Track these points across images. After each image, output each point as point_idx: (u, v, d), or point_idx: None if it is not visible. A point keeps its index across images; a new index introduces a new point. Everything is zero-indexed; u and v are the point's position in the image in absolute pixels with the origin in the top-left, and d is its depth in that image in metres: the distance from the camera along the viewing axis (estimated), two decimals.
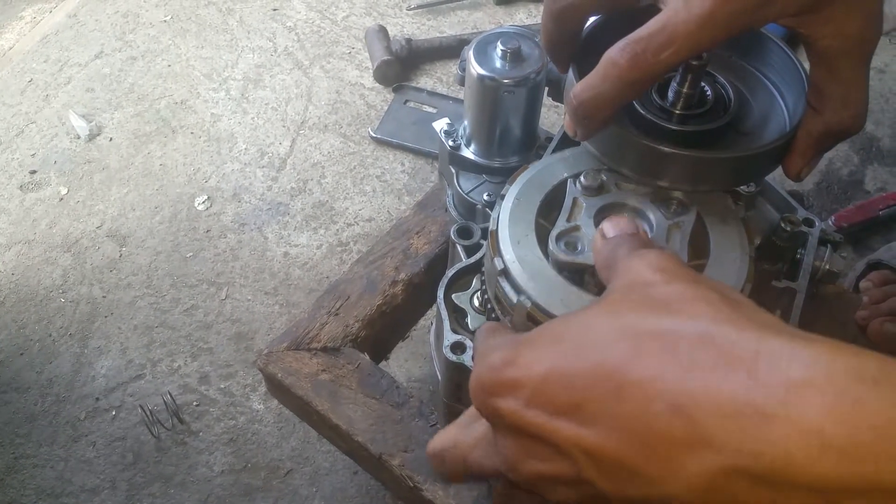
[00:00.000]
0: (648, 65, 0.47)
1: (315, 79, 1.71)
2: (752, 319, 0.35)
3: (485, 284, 0.65)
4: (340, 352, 0.82)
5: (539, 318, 0.56)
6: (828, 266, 0.66)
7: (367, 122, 1.61)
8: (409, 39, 1.70)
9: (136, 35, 1.84)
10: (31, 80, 1.75)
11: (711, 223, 0.59)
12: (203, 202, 1.49)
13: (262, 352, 0.83)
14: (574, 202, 0.60)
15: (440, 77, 1.70)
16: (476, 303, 0.67)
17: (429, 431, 0.74)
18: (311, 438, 1.16)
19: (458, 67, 0.79)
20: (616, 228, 0.46)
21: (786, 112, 0.62)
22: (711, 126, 0.59)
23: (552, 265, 0.57)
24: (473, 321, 0.67)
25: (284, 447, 1.16)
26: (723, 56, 0.65)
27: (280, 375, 0.80)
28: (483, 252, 0.68)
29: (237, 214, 1.47)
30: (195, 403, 1.21)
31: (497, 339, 0.41)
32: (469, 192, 0.81)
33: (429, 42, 1.73)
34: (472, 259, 0.69)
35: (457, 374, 0.65)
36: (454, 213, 0.84)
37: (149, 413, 1.17)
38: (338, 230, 1.44)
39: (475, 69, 0.74)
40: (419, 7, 1.86)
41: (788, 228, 0.64)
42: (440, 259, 0.88)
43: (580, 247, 0.56)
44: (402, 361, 1.24)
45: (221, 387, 1.23)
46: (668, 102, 0.59)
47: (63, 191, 1.52)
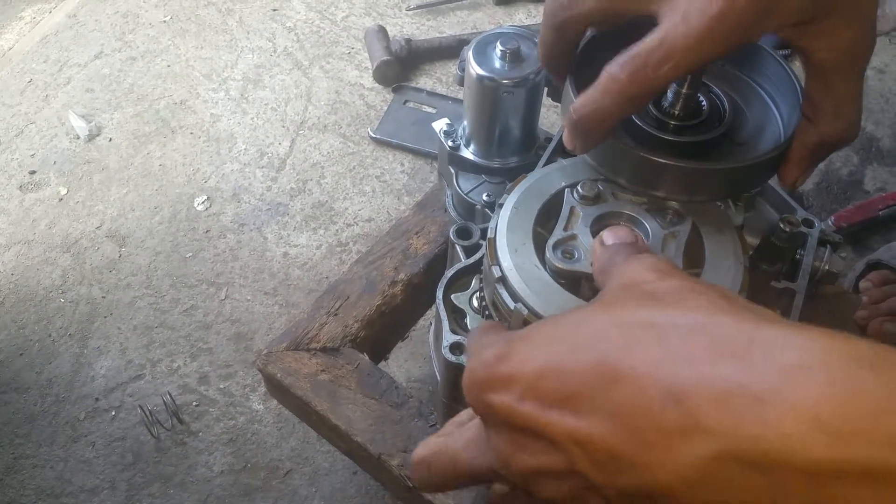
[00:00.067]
0: (648, 79, 0.48)
1: (314, 79, 1.71)
2: (745, 309, 0.35)
3: (483, 287, 0.65)
4: (340, 352, 0.82)
5: None
6: (827, 267, 0.66)
7: (367, 123, 1.61)
8: (409, 40, 1.70)
9: (136, 35, 1.84)
10: (31, 81, 1.75)
11: (707, 233, 0.59)
12: (202, 202, 1.49)
13: (262, 352, 0.83)
14: (571, 211, 0.60)
15: (440, 77, 1.70)
16: (475, 303, 0.67)
17: (428, 431, 0.74)
18: (311, 438, 1.16)
19: (458, 68, 0.79)
20: (615, 237, 0.47)
21: (780, 122, 0.62)
22: (707, 137, 0.59)
23: (549, 273, 0.57)
24: (472, 322, 0.67)
25: (284, 447, 1.16)
26: (717, 66, 0.65)
27: (279, 376, 0.80)
28: (482, 253, 0.68)
29: (237, 215, 1.47)
30: (195, 404, 1.21)
31: (490, 337, 0.41)
32: (468, 193, 0.81)
33: (428, 42, 1.73)
34: (472, 260, 0.69)
35: (456, 375, 0.65)
36: (453, 214, 0.84)
37: (148, 413, 1.17)
38: (337, 230, 1.44)
39: (474, 69, 0.74)
40: (419, 7, 1.86)
41: (787, 229, 0.64)
42: (439, 259, 0.88)
43: (577, 255, 0.57)
44: (402, 362, 1.24)
45: (221, 387, 1.23)
46: (668, 104, 0.59)
47: (62, 191, 1.52)
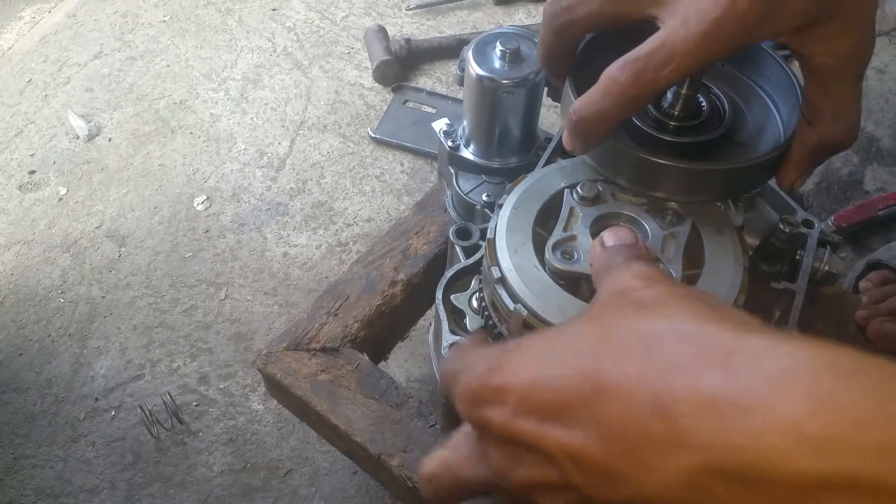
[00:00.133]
0: (649, 81, 0.48)
1: (314, 79, 1.71)
2: (730, 318, 0.35)
3: (482, 287, 0.65)
4: (339, 352, 0.82)
5: (535, 326, 0.56)
6: (827, 267, 0.66)
7: (367, 123, 1.61)
8: (409, 39, 1.70)
9: (135, 35, 1.84)
10: (31, 81, 1.74)
11: (706, 233, 0.59)
12: (202, 202, 1.49)
13: (262, 352, 0.83)
14: (571, 212, 0.60)
15: (439, 77, 1.70)
16: (474, 304, 0.67)
17: (427, 432, 0.74)
18: (311, 438, 1.16)
19: (458, 68, 0.79)
20: (615, 238, 0.47)
21: (780, 123, 0.62)
22: (706, 137, 0.59)
23: (549, 274, 0.57)
24: (472, 322, 0.67)
25: (284, 447, 1.16)
26: (717, 67, 0.65)
27: (279, 376, 0.79)
28: (482, 253, 0.68)
29: (236, 215, 1.47)
30: (194, 403, 1.21)
31: (479, 351, 0.42)
32: (468, 193, 0.81)
33: (428, 42, 1.73)
34: (471, 260, 0.69)
35: None
36: (453, 214, 0.84)
37: (148, 413, 1.17)
38: (337, 230, 1.44)
39: (474, 69, 0.74)
40: (418, 7, 1.85)
41: (787, 230, 0.64)
42: (439, 259, 0.87)
43: (576, 256, 0.57)
44: (402, 362, 1.24)
45: (221, 387, 1.23)
46: (668, 105, 0.59)
47: (62, 191, 1.52)
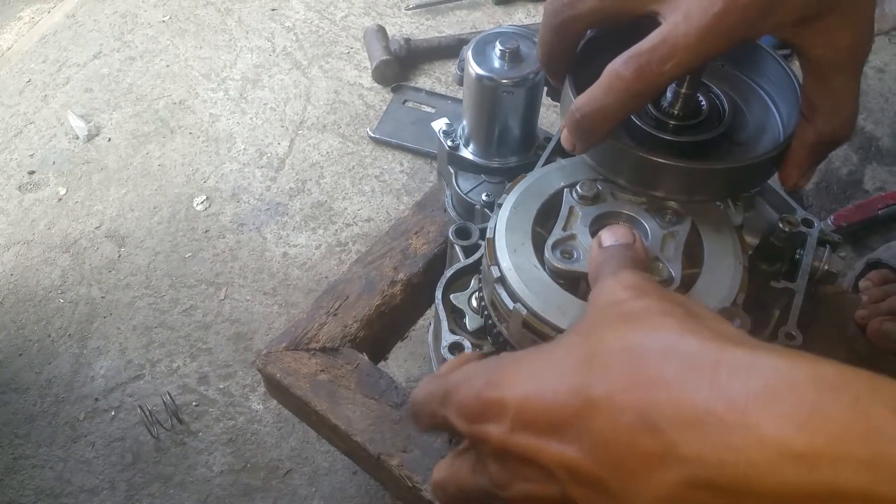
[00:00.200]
0: (652, 76, 0.48)
1: (314, 79, 1.71)
2: (715, 331, 0.35)
3: (482, 287, 0.65)
4: (339, 352, 0.81)
5: (535, 325, 0.56)
6: (826, 267, 0.66)
7: (366, 122, 1.61)
8: (408, 39, 1.70)
9: (135, 35, 1.84)
10: (30, 81, 1.74)
11: (706, 232, 0.59)
12: (202, 202, 1.49)
13: (261, 352, 0.82)
14: (570, 211, 0.60)
15: (439, 77, 1.70)
16: (474, 303, 0.67)
17: (430, 434, 0.74)
18: (311, 438, 1.16)
19: (457, 67, 0.79)
20: (613, 237, 0.48)
21: (780, 122, 0.62)
22: (706, 137, 0.59)
23: (548, 273, 0.57)
24: (471, 322, 0.67)
25: (283, 447, 1.16)
26: (717, 66, 0.65)
27: (279, 376, 0.79)
28: (481, 253, 0.68)
29: (236, 215, 1.47)
30: (194, 404, 1.21)
31: (472, 366, 0.42)
32: (468, 193, 0.81)
33: (427, 42, 1.73)
34: (471, 260, 0.69)
35: None
36: (453, 214, 0.84)
37: (148, 413, 1.17)
38: (336, 230, 1.44)
39: (474, 69, 0.74)
40: (418, 7, 1.85)
41: (787, 229, 0.64)
42: (439, 259, 0.87)
43: (576, 255, 0.57)
44: (401, 361, 1.24)
45: (220, 387, 1.23)
46: (667, 104, 0.59)
47: (62, 191, 1.52)
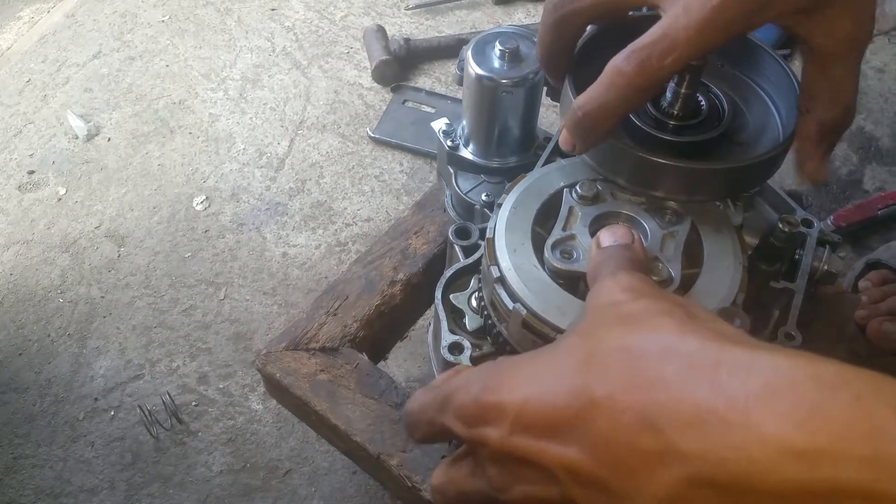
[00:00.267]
0: (654, 70, 0.48)
1: (313, 79, 1.71)
2: (714, 331, 0.35)
3: (482, 287, 0.65)
4: (339, 352, 0.81)
5: (534, 325, 0.56)
6: (826, 267, 0.66)
7: (366, 122, 1.61)
8: (408, 39, 1.70)
9: (134, 35, 1.83)
10: (30, 81, 1.74)
11: (705, 232, 0.59)
12: (201, 202, 1.49)
13: (261, 352, 0.82)
14: (570, 211, 0.60)
15: (439, 77, 1.70)
16: (474, 303, 0.67)
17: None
18: (310, 438, 1.16)
19: (457, 67, 0.79)
20: (612, 238, 0.47)
21: (779, 122, 0.62)
22: (706, 137, 0.59)
23: (548, 273, 0.57)
24: (471, 322, 0.67)
25: (283, 447, 1.16)
26: (717, 66, 0.65)
27: (278, 375, 0.79)
28: (481, 253, 0.68)
29: (235, 214, 1.47)
30: (194, 403, 1.21)
31: (470, 372, 0.42)
32: (467, 193, 0.81)
33: (427, 42, 1.73)
34: (470, 259, 0.69)
35: None
36: (452, 214, 0.84)
37: (147, 413, 1.17)
38: (336, 230, 1.44)
39: (473, 69, 0.74)
40: (417, 7, 1.85)
41: (786, 229, 0.64)
42: (438, 259, 0.87)
43: (575, 255, 0.57)
44: (401, 361, 1.24)
45: (220, 387, 1.23)
46: (667, 104, 0.59)
47: (61, 191, 1.52)
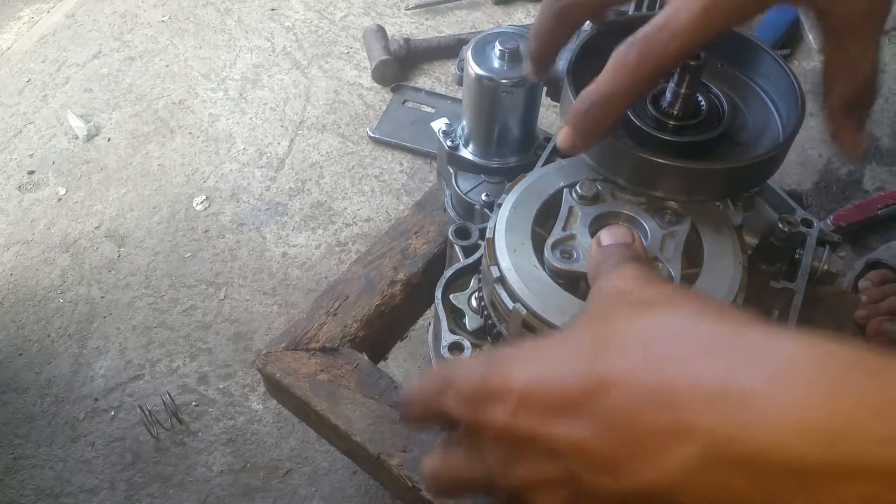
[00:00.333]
0: (657, 58, 0.48)
1: (313, 79, 1.71)
2: (729, 315, 0.35)
3: (482, 287, 0.65)
4: (339, 352, 0.82)
5: (534, 325, 0.56)
6: (826, 267, 0.66)
7: (366, 122, 1.61)
8: (408, 39, 1.70)
9: (134, 35, 1.83)
10: (29, 81, 1.74)
11: (705, 232, 0.59)
12: (201, 202, 1.49)
13: (261, 352, 0.82)
14: (570, 211, 0.60)
15: (438, 77, 1.70)
16: (473, 303, 0.67)
17: (427, 432, 0.74)
18: (310, 438, 1.16)
19: (457, 67, 0.79)
20: (612, 237, 0.48)
21: (779, 122, 0.62)
22: (706, 137, 0.59)
23: (548, 273, 0.57)
24: (471, 321, 0.67)
25: (283, 447, 1.16)
26: (717, 66, 0.66)
27: (279, 375, 0.79)
28: (481, 253, 0.68)
29: (235, 214, 1.47)
30: (194, 403, 1.21)
31: (473, 357, 0.42)
32: (467, 193, 0.81)
33: (427, 42, 1.73)
34: (470, 259, 0.69)
35: None
36: (452, 214, 0.84)
37: (148, 413, 1.17)
38: (336, 230, 1.44)
39: (473, 69, 0.74)
40: (417, 7, 1.85)
41: (786, 229, 0.64)
42: (438, 259, 0.87)
43: (575, 255, 0.57)
44: (401, 361, 1.24)
45: (220, 387, 1.23)
46: (667, 104, 0.59)
47: (61, 191, 1.52)
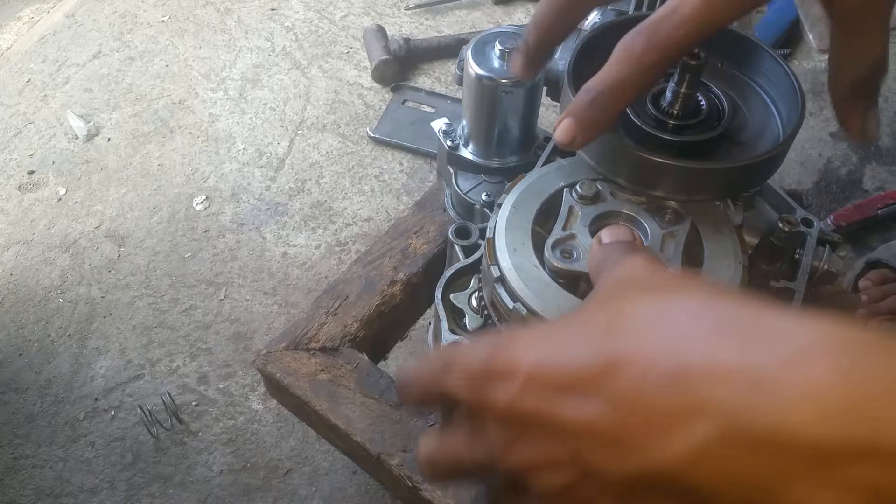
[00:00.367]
0: (664, 45, 0.47)
1: (313, 78, 1.71)
2: (744, 299, 0.35)
3: (482, 286, 0.65)
4: (339, 352, 0.82)
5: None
6: (826, 266, 0.66)
7: (366, 122, 1.61)
8: (408, 39, 1.70)
9: (134, 35, 1.83)
10: (29, 81, 1.74)
11: (705, 232, 0.60)
12: (201, 202, 1.49)
13: (261, 352, 0.83)
14: (570, 211, 0.60)
15: (438, 77, 1.70)
16: (474, 303, 0.67)
17: (427, 431, 0.74)
18: (311, 438, 1.16)
19: (457, 67, 0.79)
20: (613, 236, 0.47)
21: (779, 121, 0.62)
22: (706, 136, 0.59)
23: (548, 273, 0.57)
24: (471, 321, 0.67)
25: (283, 447, 1.16)
26: (717, 66, 0.66)
27: (279, 375, 0.80)
28: (481, 253, 0.68)
29: (235, 214, 1.47)
30: (194, 403, 1.21)
31: (478, 339, 0.41)
32: (467, 192, 0.81)
33: (427, 42, 1.73)
34: (470, 259, 0.69)
35: None
36: (452, 213, 0.84)
37: (148, 413, 1.17)
38: (336, 230, 1.44)
39: (473, 69, 0.74)
40: (417, 6, 1.85)
41: (787, 228, 0.64)
42: (438, 259, 0.88)
43: (576, 255, 0.57)
44: (401, 361, 1.24)
45: (220, 387, 1.23)
46: (667, 103, 0.59)
47: (61, 191, 1.52)
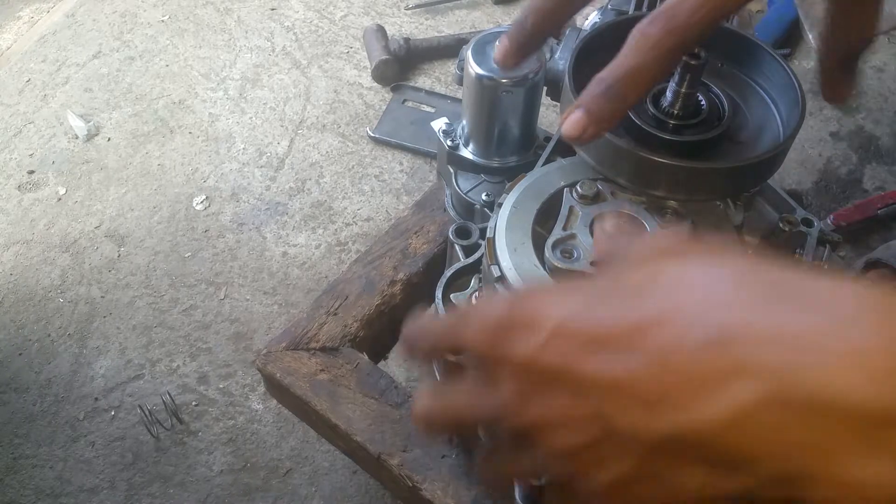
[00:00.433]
0: (682, 29, 0.46)
1: (313, 78, 1.71)
2: (788, 265, 0.34)
3: (482, 286, 0.65)
4: (339, 351, 0.82)
5: None
6: (826, 266, 0.66)
7: (366, 122, 1.61)
8: (408, 39, 1.70)
9: (134, 35, 1.83)
10: (29, 81, 1.74)
11: (705, 232, 0.60)
12: (201, 202, 1.49)
13: (261, 351, 0.83)
14: (570, 211, 0.60)
15: (438, 76, 1.70)
16: (474, 303, 0.67)
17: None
18: (311, 438, 1.16)
19: (457, 67, 0.79)
20: (617, 227, 0.47)
21: (779, 121, 0.62)
22: (706, 136, 0.59)
23: (548, 273, 0.57)
24: None
25: (283, 447, 1.16)
26: (717, 66, 0.66)
27: (279, 375, 0.80)
28: (481, 252, 0.68)
29: (235, 214, 1.47)
30: (194, 403, 1.21)
31: (498, 295, 0.39)
32: (467, 192, 0.81)
33: (427, 41, 1.73)
34: (471, 259, 0.69)
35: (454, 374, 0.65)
36: (452, 213, 0.84)
37: (148, 413, 1.17)
38: (336, 230, 1.44)
39: (473, 69, 0.74)
40: (417, 6, 1.85)
41: (787, 229, 0.64)
42: (439, 259, 0.88)
43: (576, 255, 0.57)
44: (401, 361, 1.23)
45: (220, 387, 1.23)
46: (667, 103, 0.59)
47: (61, 191, 1.52)
